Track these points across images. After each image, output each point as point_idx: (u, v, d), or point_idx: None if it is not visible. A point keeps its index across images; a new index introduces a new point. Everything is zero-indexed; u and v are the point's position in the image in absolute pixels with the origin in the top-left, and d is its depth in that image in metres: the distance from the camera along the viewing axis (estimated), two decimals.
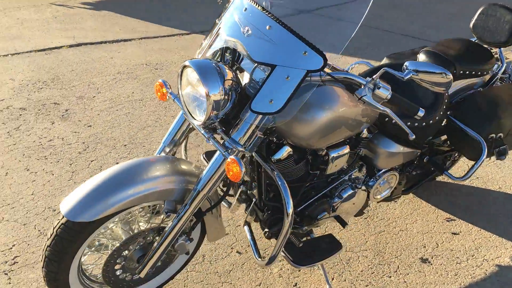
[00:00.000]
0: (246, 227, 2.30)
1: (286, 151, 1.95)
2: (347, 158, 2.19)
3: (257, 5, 1.75)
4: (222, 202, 2.33)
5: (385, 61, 2.75)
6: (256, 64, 1.74)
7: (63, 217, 1.71)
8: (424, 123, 2.28)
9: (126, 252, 1.90)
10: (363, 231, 2.66)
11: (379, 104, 1.71)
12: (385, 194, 2.52)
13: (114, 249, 1.86)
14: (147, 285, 2.14)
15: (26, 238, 2.49)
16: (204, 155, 2.48)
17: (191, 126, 2.08)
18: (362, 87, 1.70)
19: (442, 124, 2.54)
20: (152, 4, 7.75)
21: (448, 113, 2.51)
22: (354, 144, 2.19)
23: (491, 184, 3.14)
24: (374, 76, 1.69)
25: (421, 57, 2.53)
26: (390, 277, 2.37)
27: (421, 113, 1.74)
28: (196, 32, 6.27)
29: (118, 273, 1.94)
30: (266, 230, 2.16)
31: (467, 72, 2.48)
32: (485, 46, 2.68)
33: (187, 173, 1.90)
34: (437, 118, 2.31)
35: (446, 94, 2.39)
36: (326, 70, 1.75)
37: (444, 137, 2.68)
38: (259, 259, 2.11)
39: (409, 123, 2.25)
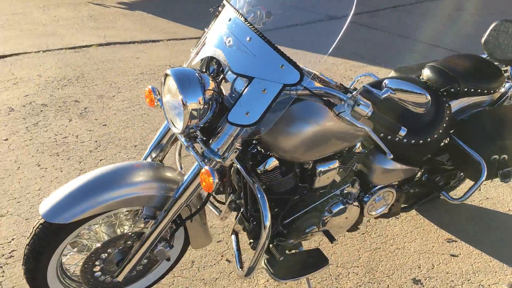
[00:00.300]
0: (233, 236, 2.30)
1: (272, 162, 1.94)
2: (337, 173, 2.16)
3: (241, 16, 1.75)
4: (213, 209, 2.34)
5: (392, 74, 2.70)
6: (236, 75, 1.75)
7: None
8: (421, 141, 2.23)
9: (105, 254, 1.93)
10: (358, 246, 2.62)
11: (358, 121, 1.69)
12: (381, 210, 2.47)
13: (92, 251, 1.89)
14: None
15: (26, 233, 2.57)
16: None
17: None
18: (342, 103, 1.67)
19: (444, 142, 2.48)
20: (186, 6, 7.84)
21: (452, 131, 2.44)
22: (346, 158, 2.15)
23: (501, 206, 3.03)
24: (354, 93, 1.66)
25: (425, 72, 2.47)
26: None
27: (402, 132, 1.69)
28: None
29: (97, 274, 1.98)
30: (251, 241, 2.16)
31: (472, 90, 2.40)
32: (496, 63, 2.59)
33: (169, 180, 1.92)
34: (435, 136, 2.25)
35: (448, 112, 2.32)
36: (316, 76, 1.75)
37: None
38: (240, 269, 2.10)
39: (405, 140, 2.20)
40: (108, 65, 5.06)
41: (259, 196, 1.88)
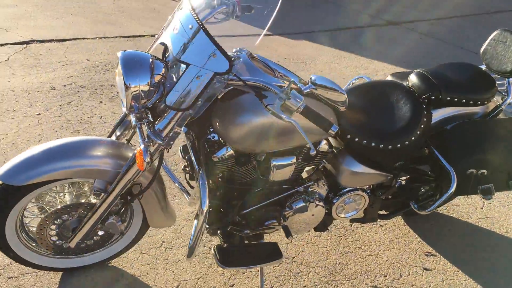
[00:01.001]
0: (195, 221, 2.37)
1: (227, 152, 1.99)
2: (304, 170, 2.17)
3: (189, 5, 1.82)
4: (185, 194, 2.42)
5: (388, 78, 2.65)
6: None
7: None
8: (390, 146, 2.18)
9: (60, 220, 2.08)
10: (329, 248, 2.60)
11: (286, 115, 1.70)
12: (352, 214, 2.45)
13: (47, 214, 2.05)
14: (90, 257, 2.32)
15: None
16: (181, 147, 2.59)
17: None
18: (275, 95, 1.70)
19: (424, 152, 2.41)
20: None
21: (432, 140, 2.36)
22: (308, 156, 2.15)
23: (499, 226, 2.86)
24: (286, 86, 1.68)
25: (411, 77, 2.41)
26: None
27: (333, 129, 1.69)
28: (277, 34, 6.37)
29: (53, 239, 2.14)
30: (207, 226, 2.22)
31: (456, 99, 2.30)
32: (494, 75, 2.46)
33: (125, 158, 2.03)
34: (406, 143, 2.20)
35: (424, 120, 2.25)
36: (259, 67, 1.79)
37: None
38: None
39: (373, 144, 2.17)
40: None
41: (200, 182, 1.95)
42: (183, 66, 1.83)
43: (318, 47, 5.84)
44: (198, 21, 1.72)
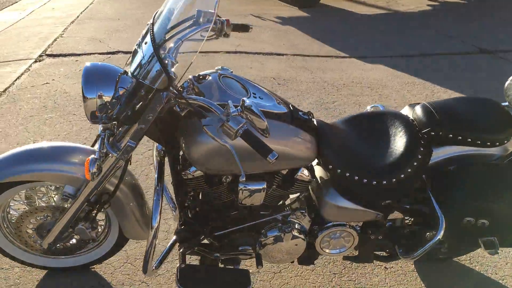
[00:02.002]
0: (175, 236, 2.34)
1: (195, 170, 1.96)
2: (270, 196, 2.06)
3: (153, 20, 1.82)
4: (171, 208, 2.41)
5: (405, 109, 2.44)
6: None
7: None
8: (375, 182, 2.00)
9: (34, 220, 2.18)
10: (318, 284, 2.43)
11: (221, 139, 1.64)
12: (341, 251, 2.27)
13: (21, 213, 2.16)
14: (73, 260, 2.41)
15: None
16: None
17: None
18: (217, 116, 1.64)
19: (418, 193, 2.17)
20: (327, 29, 7.87)
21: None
22: (284, 184, 2.04)
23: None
24: (225, 108, 1.61)
25: (416, 109, 2.18)
26: None
27: (271, 157, 1.58)
28: (354, 56, 6.19)
29: (30, 237, 2.24)
30: (179, 244, 2.19)
31: (460, 138, 2.03)
32: None
33: None
34: (393, 180, 1.99)
35: (419, 157, 2.02)
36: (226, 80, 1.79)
37: None
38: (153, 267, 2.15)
39: (356, 177, 2.00)
40: None
41: (154, 198, 1.94)
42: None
43: (392, 72, 5.57)
44: (152, 37, 1.72)
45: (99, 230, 2.29)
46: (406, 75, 5.46)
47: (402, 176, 1.99)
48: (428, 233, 2.14)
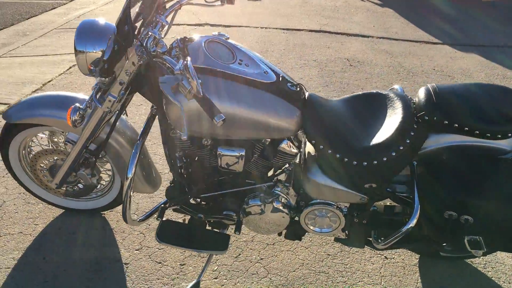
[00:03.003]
0: None
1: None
2: (253, 164, 2.07)
3: None
4: None
5: (420, 91, 2.27)
6: None
7: None
8: (355, 162, 1.92)
9: (47, 161, 2.40)
10: (306, 261, 2.38)
11: (176, 96, 1.69)
12: (328, 231, 2.21)
13: (35, 153, 2.39)
14: (84, 203, 2.64)
15: None
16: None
17: None
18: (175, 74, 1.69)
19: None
20: (431, 14, 7.38)
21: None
22: (266, 153, 2.04)
23: None
24: (181, 66, 1.64)
25: (419, 92, 2.02)
26: None
27: (217, 119, 1.59)
28: (447, 43, 5.78)
29: (44, 176, 2.47)
30: (168, 200, 2.29)
31: (456, 125, 1.85)
32: None
33: None
34: (375, 162, 1.89)
35: (407, 141, 1.88)
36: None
37: None
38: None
39: (338, 155, 1.93)
40: (294, 47, 5.40)
41: (133, 151, 2.04)
42: None
43: (485, 63, 5.11)
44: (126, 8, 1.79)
45: (99, 177, 2.46)
46: (500, 67, 4.98)
47: (385, 159, 1.89)
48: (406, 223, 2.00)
